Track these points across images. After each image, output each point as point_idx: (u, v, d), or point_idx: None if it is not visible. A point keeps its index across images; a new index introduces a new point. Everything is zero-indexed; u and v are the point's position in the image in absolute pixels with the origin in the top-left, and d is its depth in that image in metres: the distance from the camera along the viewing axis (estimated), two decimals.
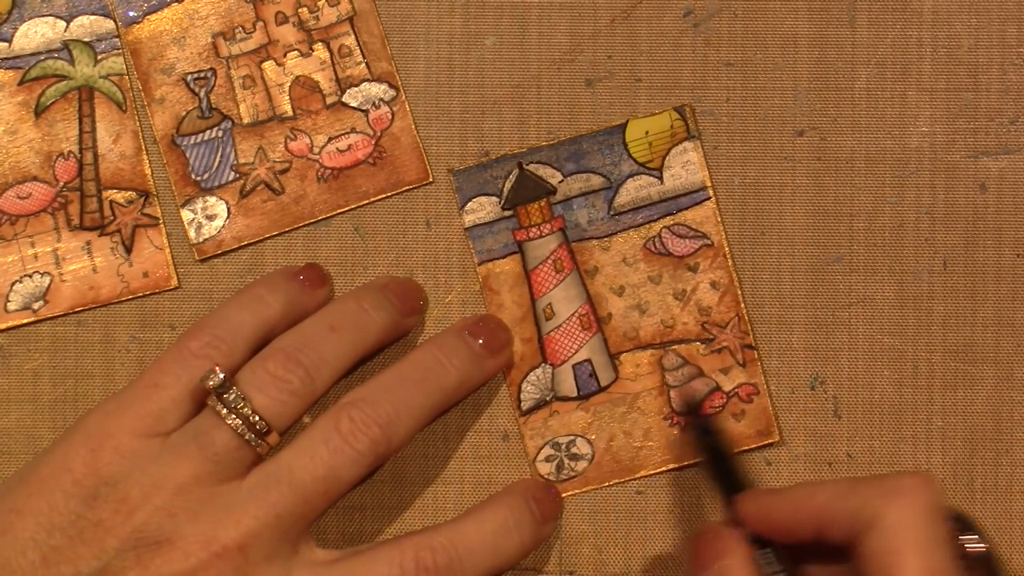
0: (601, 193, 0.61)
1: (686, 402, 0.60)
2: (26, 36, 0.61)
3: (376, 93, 0.61)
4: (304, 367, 0.56)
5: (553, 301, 0.61)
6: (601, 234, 0.61)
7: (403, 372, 0.58)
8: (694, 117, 0.61)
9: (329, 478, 0.55)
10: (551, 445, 0.61)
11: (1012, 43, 0.61)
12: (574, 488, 0.61)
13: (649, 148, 0.61)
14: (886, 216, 0.61)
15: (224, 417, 0.55)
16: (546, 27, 0.61)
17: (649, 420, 0.61)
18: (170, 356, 0.57)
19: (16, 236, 0.61)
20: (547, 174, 0.61)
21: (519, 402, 0.61)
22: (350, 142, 0.61)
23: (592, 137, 0.61)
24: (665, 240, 0.61)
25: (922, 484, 0.52)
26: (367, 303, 0.58)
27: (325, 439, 0.55)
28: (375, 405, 0.56)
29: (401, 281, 0.60)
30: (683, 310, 0.61)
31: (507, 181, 0.61)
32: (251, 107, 0.61)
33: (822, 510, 0.53)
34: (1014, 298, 0.61)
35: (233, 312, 0.58)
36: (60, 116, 0.61)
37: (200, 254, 0.61)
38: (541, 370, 0.61)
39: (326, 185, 0.61)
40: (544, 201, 0.61)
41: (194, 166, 0.61)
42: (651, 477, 0.61)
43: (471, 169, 0.61)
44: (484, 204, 0.61)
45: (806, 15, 0.61)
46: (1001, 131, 0.61)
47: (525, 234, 0.61)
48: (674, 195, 0.61)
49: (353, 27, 0.61)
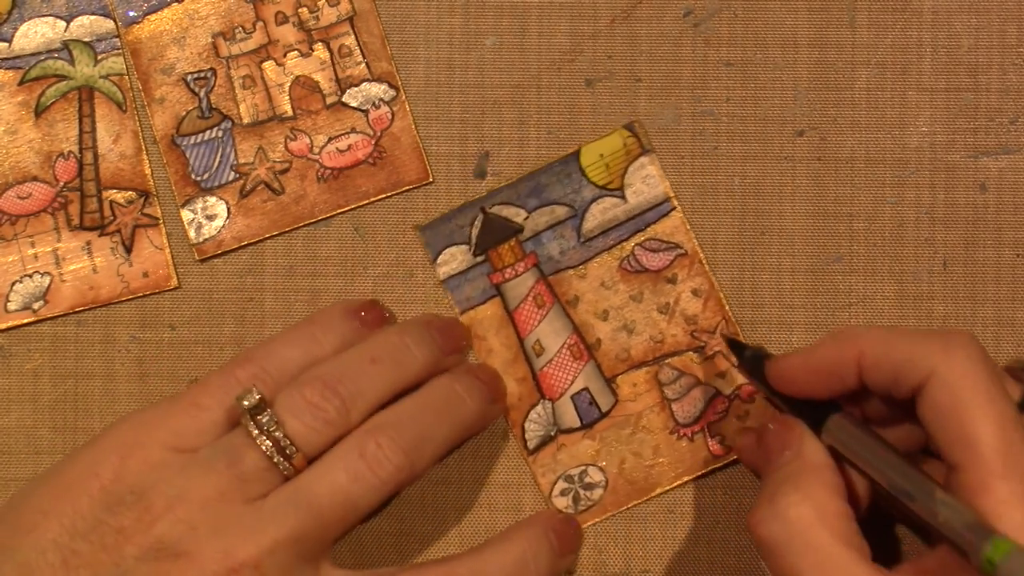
0: (568, 222, 0.61)
1: (726, 339, 0.60)
2: (26, 36, 0.61)
3: (376, 93, 0.61)
4: (341, 397, 0.56)
5: (540, 336, 0.61)
6: (575, 262, 0.61)
7: (426, 401, 0.57)
8: (645, 132, 0.61)
9: (348, 503, 0.55)
10: (564, 479, 0.61)
11: (1012, 43, 0.61)
12: (594, 517, 0.61)
13: (606, 170, 0.61)
14: (886, 216, 0.61)
15: (255, 438, 0.55)
16: (546, 27, 0.61)
17: (656, 437, 0.61)
18: (215, 379, 0.57)
19: (16, 236, 0.61)
20: (511, 213, 0.61)
21: (524, 442, 0.61)
22: (350, 142, 0.61)
23: (548, 169, 0.61)
24: (639, 257, 0.61)
25: (971, 338, 0.53)
26: (410, 339, 0.58)
27: (347, 465, 0.55)
28: (401, 431, 0.56)
29: (446, 320, 0.60)
30: (670, 323, 0.61)
31: (473, 227, 0.61)
32: (251, 107, 0.61)
33: (864, 357, 0.53)
34: (1014, 298, 0.61)
35: (284, 348, 0.58)
36: (60, 116, 0.61)
37: (200, 254, 0.61)
38: (541, 406, 0.61)
39: (326, 185, 0.61)
40: (514, 240, 0.61)
41: (194, 166, 0.61)
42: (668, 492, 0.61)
43: (436, 222, 0.61)
44: (455, 254, 0.61)
45: (806, 15, 0.61)
46: (1001, 131, 0.61)
47: (501, 276, 0.61)
48: (640, 211, 0.61)
49: (353, 27, 0.61)
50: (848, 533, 0.52)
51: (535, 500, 0.61)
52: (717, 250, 0.61)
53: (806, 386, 0.55)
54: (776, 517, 0.52)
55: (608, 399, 0.61)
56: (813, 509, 0.52)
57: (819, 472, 0.53)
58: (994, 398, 0.51)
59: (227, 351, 0.61)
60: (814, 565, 0.51)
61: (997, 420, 0.51)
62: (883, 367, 0.53)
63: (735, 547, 0.61)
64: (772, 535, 0.52)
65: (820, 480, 0.53)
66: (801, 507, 0.52)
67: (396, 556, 0.61)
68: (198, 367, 0.61)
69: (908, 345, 0.53)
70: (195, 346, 0.61)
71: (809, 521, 0.52)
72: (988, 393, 0.51)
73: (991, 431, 0.51)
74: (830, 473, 0.54)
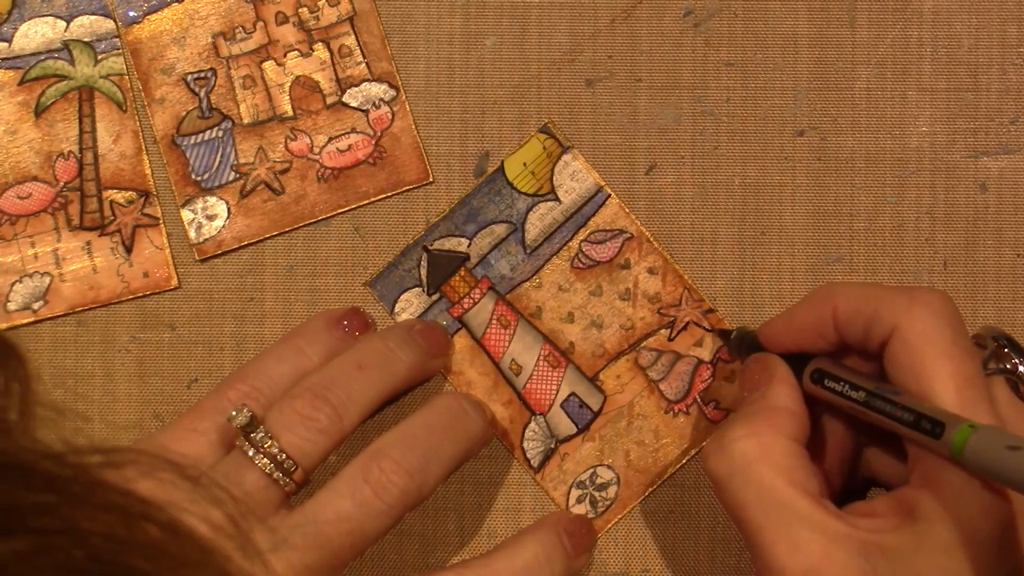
0: (511, 238, 0.61)
1: (715, 332, 0.60)
2: (26, 36, 0.61)
3: (376, 93, 0.61)
4: (332, 405, 0.56)
5: (515, 356, 0.61)
6: (528, 275, 0.61)
7: (430, 419, 0.57)
8: (560, 130, 0.61)
9: (356, 532, 0.54)
10: (576, 486, 0.61)
11: (1012, 43, 0.61)
12: (616, 515, 0.61)
13: (533, 177, 0.61)
14: (886, 216, 0.61)
15: (252, 458, 0.54)
16: (546, 27, 0.61)
17: (653, 421, 0.61)
18: (208, 403, 0.57)
19: (16, 236, 0.61)
20: (454, 244, 0.61)
21: (528, 461, 0.61)
22: (350, 142, 0.61)
23: (477, 192, 0.61)
24: (587, 252, 0.61)
25: (939, 295, 0.53)
26: (393, 343, 0.58)
27: (352, 492, 0.54)
28: (405, 453, 0.55)
29: (427, 324, 0.60)
30: (635, 307, 0.61)
31: (420, 268, 0.61)
32: (251, 107, 0.61)
33: (837, 312, 0.54)
34: (1014, 298, 0.61)
35: (272, 365, 0.58)
36: (60, 116, 0.61)
37: (200, 254, 0.61)
38: (534, 423, 0.61)
39: (326, 185, 0.61)
40: (463, 270, 0.61)
41: (194, 166, 0.61)
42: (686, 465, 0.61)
43: (382, 274, 0.61)
44: (410, 299, 0.61)
45: (806, 15, 0.61)
46: (1001, 131, 0.61)
47: (460, 308, 0.61)
48: (576, 208, 0.61)
49: (353, 27, 0.61)
50: (794, 471, 0.52)
51: (536, 501, 0.61)
52: (717, 250, 0.61)
53: (792, 346, 0.56)
54: (721, 451, 0.53)
55: (597, 398, 0.61)
56: (758, 445, 0.52)
57: (775, 412, 0.54)
58: (952, 354, 0.51)
59: (227, 351, 0.61)
60: (756, 499, 0.51)
61: (954, 376, 0.51)
62: (854, 322, 0.54)
63: (735, 547, 0.61)
64: (717, 468, 0.53)
65: (773, 419, 0.53)
66: (746, 441, 0.52)
67: (396, 558, 0.61)
68: (198, 367, 0.61)
69: (875, 300, 0.53)
70: (195, 346, 0.61)
71: (752, 456, 0.52)
72: (947, 349, 0.51)
73: (948, 386, 0.51)
74: (787, 416, 0.54)
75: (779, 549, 0.50)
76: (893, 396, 0.52)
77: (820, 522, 0.50)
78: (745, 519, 0.52)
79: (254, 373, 0.58)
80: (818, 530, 0.50)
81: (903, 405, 0.51)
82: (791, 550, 0.50)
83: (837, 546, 0.50)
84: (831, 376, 0.54)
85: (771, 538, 0.51)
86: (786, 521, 0.51)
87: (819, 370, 0.55)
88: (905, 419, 0.51)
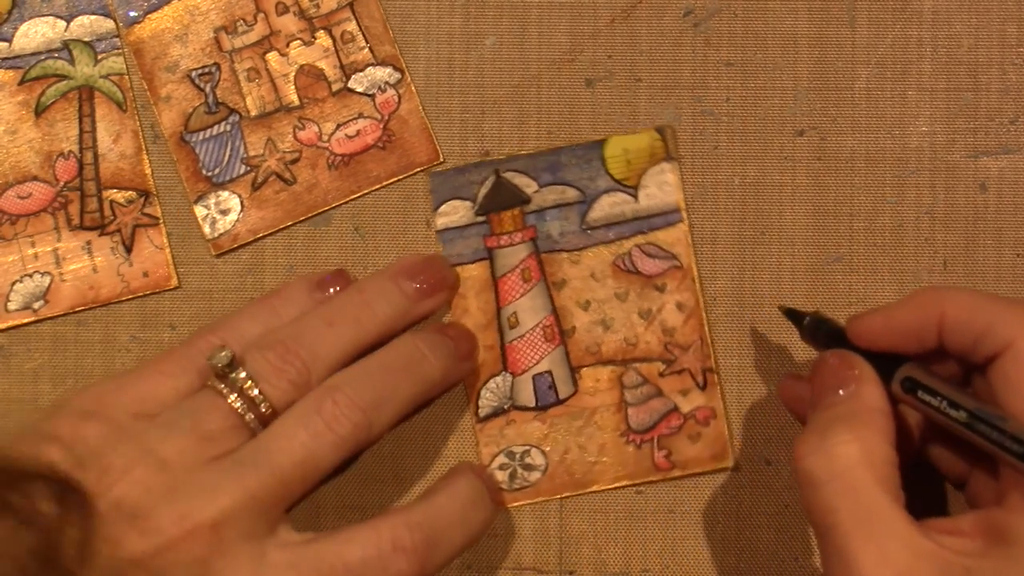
0: (575, 206, 0.61)
1: (782, 310, 0.60)
2: (26, 36, 0.61)
3: (381, 77, 0.61)
4: (301, 359, 0.56)
5: (519, 310, 0.61)
6: (572, 247, 0.61)
7: (387, 360, 0.57)
8: (675, 139, 0.61)
9: (308, 462, 0.55)
10: (506, 454, 0.61)
11: (1012, 43, 0.61)
12: (525, 498, 0.61)
13: (627, 165, 0.61)
14: (886, 216, 0.61)
15: (225, 396, 0.55)
16: (546, 27, 0.61)
17: (605, 436, 0.61)
18: (179, 349, 0.57)
19: (16, 236, 0.61)
20: (523, 183, 0.61)
21: (477, 408, 0.61)
22: (358, 127, 0.61)
23: (571, 150, 0.61)
24: (635, 258, 0.61)
25: None
26: (370, 295, 0.58)
27: (306, 423, 0.55)
28: (359, 390, 0.56)
29: (415, 259, 0.60)
30: (647, 329, 0.61)
31: (483, 187, 0.61)
32: (257, 99, 0.61)
33: (946, 320, 0.53)
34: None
35: (245, 322, 0.58)
36: (60, 116, 0.61)
37: (216, 249, 0.61)
38: (501, 378, 0.61)
39: (337, 172, 0.61)
40: (518, 210, 0.61)
41: (204, 162, 0.61)
42: (610, 491, 0.61)
43: (448, 172, 0.61)
44: (458, 208, 0.61)
45: (806, 15, 0.61)
46: (1001, 131, 0.61)
47: (496, 241, 0.61)
48: (648, 214, 0.61)
49: (354, 12, 0.61)
50: (891, 481, 0.52)
51: None
52: (717, 250, 0.61)
53: (885, 345, 0.55)
54: (823, 452, 0.52)
55: (568, 388, 0.61)
56: (862, 451, 0.52)
57: (874, 416, 0.53)
58: None
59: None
60: (852, 506, 0.51)
61: None
62: (964, 332, 0.53)
63: (735, 547, 0.60)
64: (816, 469, 0.52)
65: (874, 424, 0.53)
66: (850, 446, 0.52)
67: None
68: None
69: (990, 313, 0.52)
70: None
71: (855, 461, 0.51)
72: None
73: None
74: (885, 419, 0.53)
75: (866, 558, 0.50)
76: (1000, 423, 0.51)
77: (910, 537, 0.50)
78: (833, 524, 0.51)
79: (226, 327, 0.58)
80: (908, 545, 0.50)
81: (1012, 435, 0.51)
82: (879, 561, 0.50)
83: (924, 563, 0.50)
84: (927, 388, 0.53)
85: (858, 545, 0.50)
86: (878, 532, 0.50)
87: (911, 379, 0.54)
88: (1014, 450, 0.51)
